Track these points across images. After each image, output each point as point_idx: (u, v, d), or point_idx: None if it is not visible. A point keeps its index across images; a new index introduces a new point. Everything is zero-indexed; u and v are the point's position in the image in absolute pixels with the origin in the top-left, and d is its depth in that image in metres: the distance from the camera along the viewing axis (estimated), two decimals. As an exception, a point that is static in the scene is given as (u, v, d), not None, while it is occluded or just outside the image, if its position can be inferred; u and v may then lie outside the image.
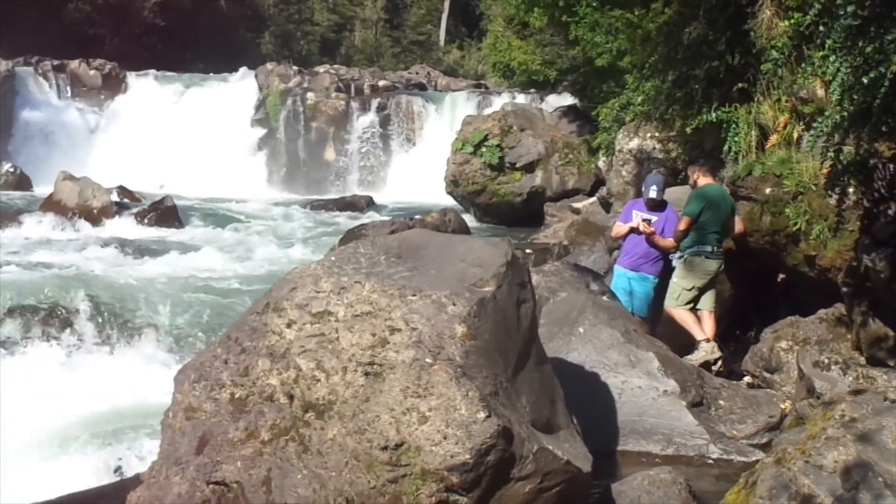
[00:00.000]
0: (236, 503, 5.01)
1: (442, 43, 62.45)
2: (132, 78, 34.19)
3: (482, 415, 4.73)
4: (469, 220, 20.80)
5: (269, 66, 35.70)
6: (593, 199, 19.76)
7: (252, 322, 5.42)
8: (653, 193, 10.11)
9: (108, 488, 6.14)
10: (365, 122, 32.60)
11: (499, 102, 29.25)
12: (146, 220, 19.89)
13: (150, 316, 10.49)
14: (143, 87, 33.80)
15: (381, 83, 36.29)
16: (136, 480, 5.54)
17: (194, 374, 5.38)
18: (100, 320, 10.53)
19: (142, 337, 10.23)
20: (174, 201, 21.26)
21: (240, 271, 14.16)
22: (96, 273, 13.03)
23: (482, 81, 42.79)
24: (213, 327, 10.24)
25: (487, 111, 27.47)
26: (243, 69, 35.07)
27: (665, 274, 10.03)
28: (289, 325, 5.27)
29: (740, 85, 11.00)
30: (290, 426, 5.00)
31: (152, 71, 34.85)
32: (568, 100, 26.69)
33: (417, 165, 29.97)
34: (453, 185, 23.18)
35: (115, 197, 21.64)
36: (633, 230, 10.11)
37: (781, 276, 10.20)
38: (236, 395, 5.20)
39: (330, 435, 4.87)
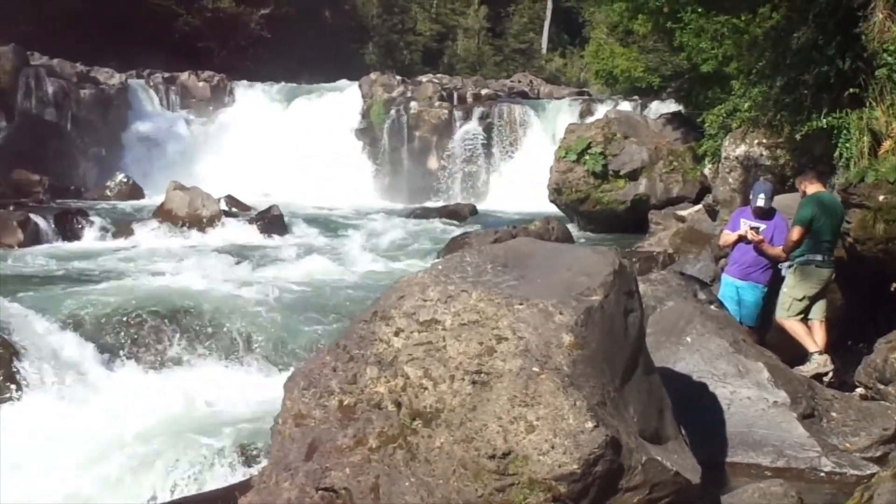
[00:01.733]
0: (344, 510, 5.06)
1: (544, 51, 62.29)
2: (239, 89, 34.84)
3: (590, 424, 4.71)
4: (572, 228, 20.70)
5: (372, 75, 36.01)
6: (699, 206, 19.52)
7: (360, 330, 5.47)
8: (760, 202, 9.92)
9: (219, 492, 6.25)
10: (468, 130, 32.69)
11: (602, 110, 29.07)
12: (253, 228, 20.22)
13: (256, 323, 10.64)
14: (250, 98, 34.40)
15: (484, 92, 36.35)
16: (247, 485, 5.62)
17: (304, 382, 5.45)
18: (208, 327, 10.69)
19: (249, 343, 10.37)
20: (280, 210, 21.56)
21: (344, 279, 14.30)
22: (205, 280, 13.29)
23: (585, 89, 42.57)
24: (318, 334, 10.36)
25: (590, 119, 27.32)
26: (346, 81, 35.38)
27: (774, 282, 9.86)
28: (396, 334, 5.31)
29: (851, 90, 10.75)
30: (397, 434, 5.02)
31: (259, 82, 35.44)
32: (672, 106, 26.39)
33: (520, 174, 29.94)
34: (556, 193, 23.09)
35: (223, 206, 22.04)
36: (741, 238, 9.95)
37: (895, 284, 9.95)
38: (345, 403, 5.24)
39: (437, 443, 4.89)
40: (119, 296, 11.16)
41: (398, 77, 37.29)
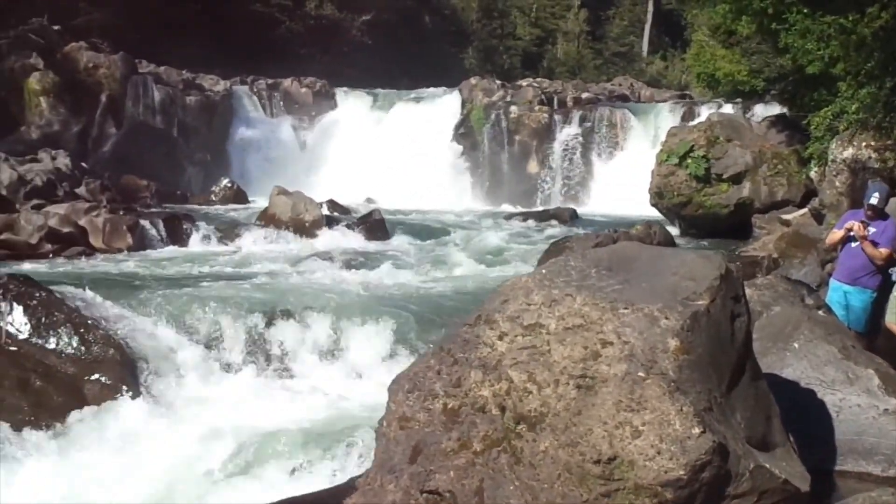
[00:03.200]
0: (449, 512, 5.08)
1: (645, 54, 61.81)
2: (341, 95, 35.23)
3: (697, 430, 4.65)
4: (674, 232, 20.47)
5: (472, 80, 36.13)
6: (804, 210, 19.17)
7: (464, 334, 5.48)
8: (874, 200, 9.67)
9: (324, 493, 6.31)
10: (568, 134, 32.61)
11: (704, 113, 28.72)
12: (355, 233, 20.41)
13: (358, 326, 10.73)
14: (352, 103, 34.77)
15: (584, 95, 36.22)
16: (351, 486, 5.67)
17: (408, 385, 5.48)
18: (310, 330, 10.81)
19: (351, 346, 10.47)
20: (381, 214, 21.74)
21: (445, 283, 14.35)
22: (308, 284, 13.47)
23: (686, 92, 42.10)
24: (421, 338, 10.41)
25: (692, 122, 27.02)
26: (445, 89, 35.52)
27: (883, 287, 9.64)
28: (500, 338, 5.31)
29: (965, 91, 10.50)
30: (502, 437, 5.02)
31: (360, 88, 35.77)
32: (776, 109, 25.95)
33: (621, 177, 29.71)
34: (658, 196, 22.87)
35: (325, 210, 22.31)
36: (847, 236, 9.75)
37: None
38: (449, 406, 5.25)
39: (542, 447, 4.88)
40: (224, 298, 11.35)
41: (498, 81, 37.36)
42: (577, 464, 4.77)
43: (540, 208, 28.39)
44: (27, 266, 15.07)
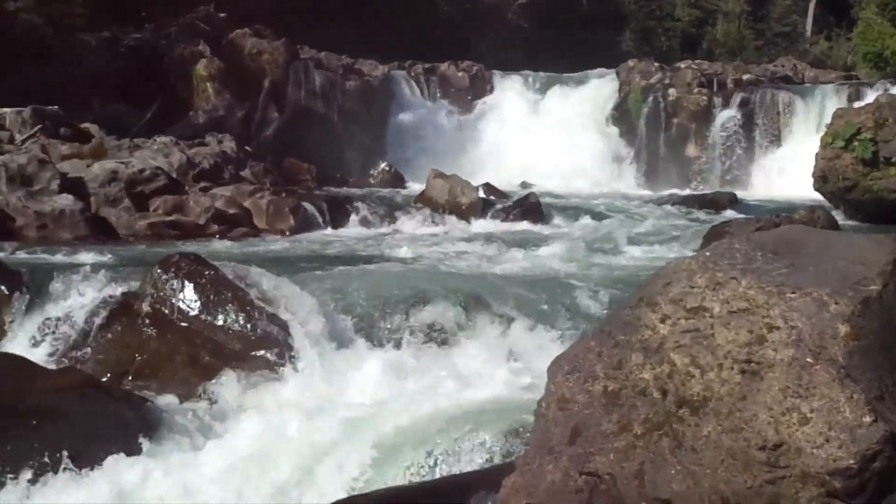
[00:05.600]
0: (608, 494, 5.06)
1: (808, 34, 59.89)
2: (497, 79, 35.25)
3: (868, 419, 4.52)
4: (838, 217, 19.87)
5: (630, 62, 35.74)
6: (979, 195, 18.38)
7: (625, 316, 5.44)
8: None
9: (482, 473, 6.37)
10: (728, 117, 31.97)
11: (871, 95, 27.73)
12: (511, 216, 20.48)
13: (517, 307, 10.74)
14: (508, 87, 34.78)
15: (745, 77, 35.36)
16: (510, 467, 5.70)
17: (568, 366, 5.47)
18: (469, 311, 10.86)
19: (510, 326, 10.49)
20: (538, 198, 21.72)
21: (601, 266, 14.27)
22: (465, 265, 13.58)
23: (852, 73, 40.67)
24: (579, 319, 10.38)
25: (859, 104, 26.15)
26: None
27: None
28: (663, 320, 5.25)
29: None
30: (663, 421, 4.97)
31: (515, 71, 35.73)
32: (951, 89, 24.93)
33: (782, 161, 29.03)
34: (822, 181, 22.22)
35: (481, 193, 22.41)
36: None
37: None
38: (609, 388, 5.23)
39: (704, 432, 4.81)
40: (383, 279, 11.53)
41: (656, 64, 36.83)
42: (741, 450, 4.69)
43: (698, 192, 27.92)
44: (195, 246, 15.59)
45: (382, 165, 29.08)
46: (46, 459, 7.66)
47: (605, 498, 5.10)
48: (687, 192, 28.72)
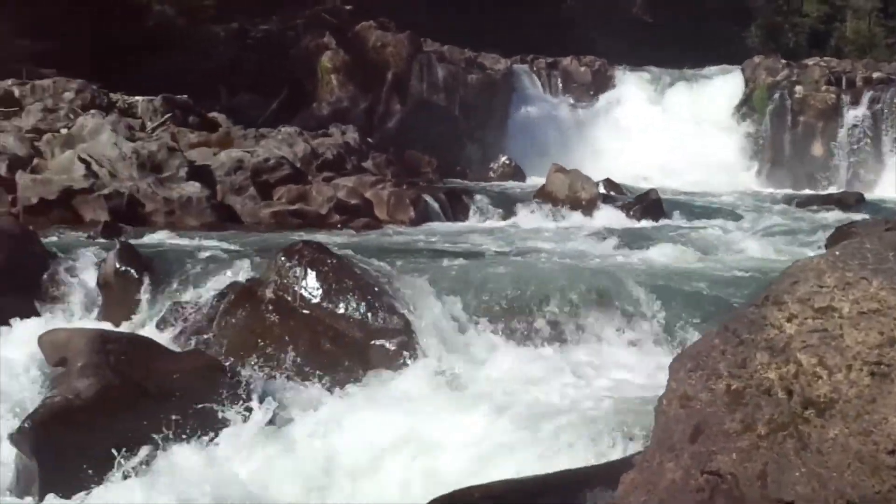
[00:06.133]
0: (729, 494, 4.99)
1: (944, 31, 58.07)
2: (619, 73, 34.99)
3: None
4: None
5: (756, 59, 35.15)
6: None
7: (750, 314, 5.37)
8: None
9: (602, 468, 6.34)
10: (856, 115, 31.23)
11: None
12: (631, 213, 20.32)
13: (636, 304, 10.65)
14: (630, 82, 34.56)
15: (875, 75, 34.44)
16: (628, 463, 5.67)
17: (690, 363, 5.42)
18: (586, 307, 10.80)
19: (630, 323, 10.42)
20: (658, 194, 21.50)
21: (723, 264, 14.04)
22: (585, 261, 13.51)
23: None
24: (701, 317, 10.24)
25: None
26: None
27: None
28: (789, 320, 5.16)
29: None
30: (788, 422, 4.89)
31: (638, 66, 35.42)
32: None
33: (914, 161, 28.24)
34: (956, 181, 21.61)
35: (601, 189, 22.29)
36: None
37: None
38: (732, 387, 5.16)
39: (831, 434, 4.72)
40: (501, 272, 11.51)
41: (783, 60, 36.11)
42: (869, 453, 4.59)
43: (824, 192, 27.32)
44: (317, 235, 15.83)
45: (503, 159, 29.17)
46: (171, 436, 7.90)
47: (726, 498, 5.03)
48: (812, 191, 28.12)
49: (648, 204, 20.83)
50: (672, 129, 31.25)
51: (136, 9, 29.51)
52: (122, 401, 8.07)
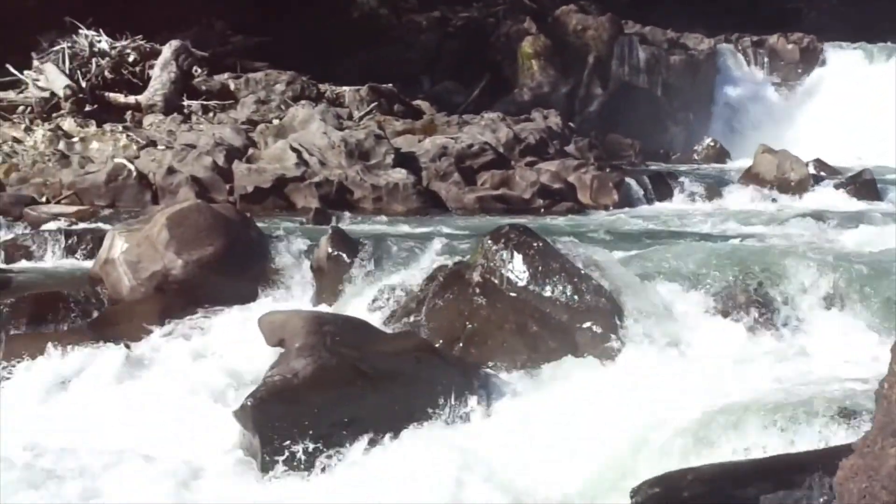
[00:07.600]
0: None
1: None
2: (830, 50, 33.77)
3: None
4: None
5: (980, 30, 33.32)
6: None
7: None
8: None
9: (817, 453, 6.21)
10: None
11: None
12: (844, 193, 19.66)
13: (853, 286, 10.31)
14: (841, 59, 33.25)
15: None
16: (847, 449, 5.53)
17: (913, 346, 5.26)
18: (798, 291, 10.53)
19: (844, 308, 10.11)
20: (872, 174, 20.74)
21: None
22: (796, 243, 13.18)
23: None
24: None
25: None
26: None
27: None
28: None
29: None
30: None
31: (850, 42, 34.09)
32: None
33: None
34: None
35: (811, 169, 21.63)
36: None
37: None
38: (961, 371, 4.98)
39: None
40: (711, 255, 11.30)
41: None
42: None
43: None
44: (521, 219, 15.93)
45: (707, 141, 28.65)
46: (387, 418, 8.15)
47: (954, 485, 4.87)
48: None
49: (862, 184, 20.10)
50: (886, 108, 29.93)
51: (341, 2, 30.32)
52: (338, 380, 8.35)
